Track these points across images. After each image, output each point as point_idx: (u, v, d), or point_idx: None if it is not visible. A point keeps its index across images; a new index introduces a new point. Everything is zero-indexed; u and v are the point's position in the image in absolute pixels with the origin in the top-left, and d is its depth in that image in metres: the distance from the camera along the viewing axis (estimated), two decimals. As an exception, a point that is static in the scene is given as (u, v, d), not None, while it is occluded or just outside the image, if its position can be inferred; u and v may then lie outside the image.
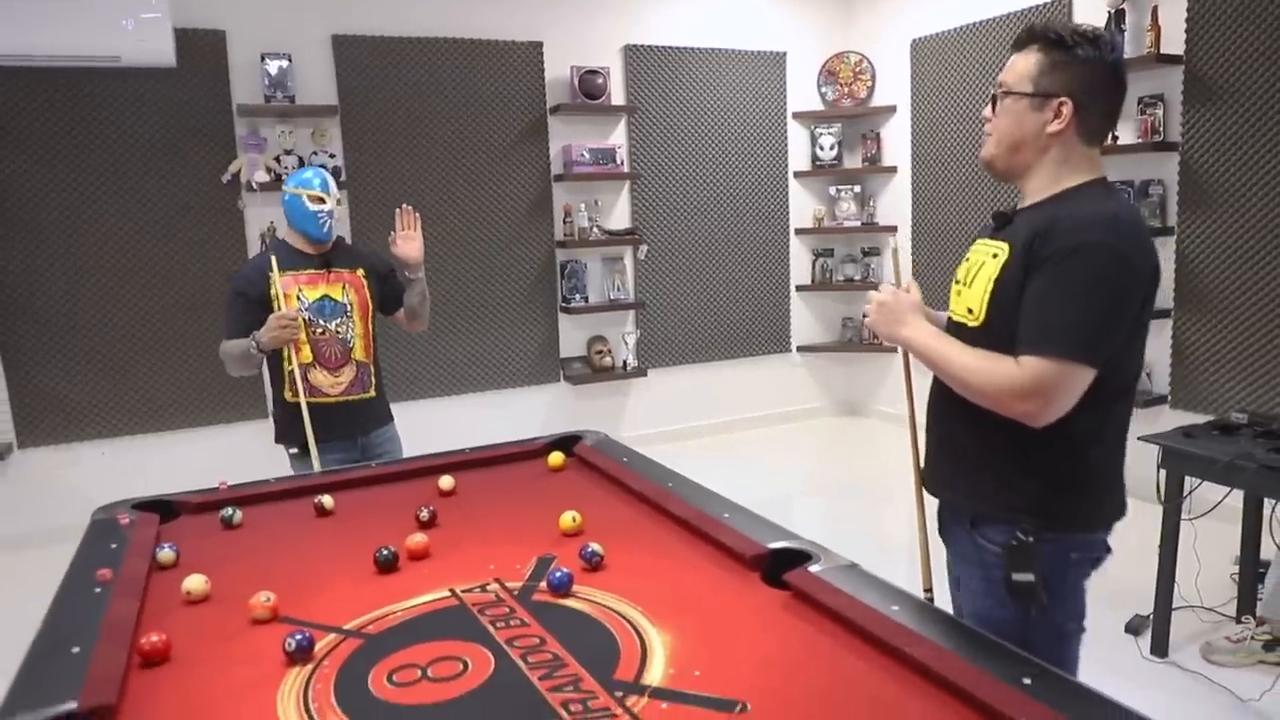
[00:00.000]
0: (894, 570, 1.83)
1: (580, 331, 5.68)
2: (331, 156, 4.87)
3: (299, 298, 2.79)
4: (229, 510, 2.09)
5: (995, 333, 1.60)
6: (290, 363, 2.78)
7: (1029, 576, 1.60)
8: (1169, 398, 4.37)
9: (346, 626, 1.51)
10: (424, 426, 3.86)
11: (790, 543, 1.68)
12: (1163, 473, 2.90)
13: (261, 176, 4.67)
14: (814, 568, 1.57)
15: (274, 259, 2.78)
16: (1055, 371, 1.49)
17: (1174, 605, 2.97)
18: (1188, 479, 2.88)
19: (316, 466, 2.72)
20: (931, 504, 1.87)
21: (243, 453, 3.88)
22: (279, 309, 2.74)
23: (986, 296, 1.63)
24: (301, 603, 1.61)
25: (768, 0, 5.92)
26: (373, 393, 2.94)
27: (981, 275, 1.66)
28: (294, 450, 2.84)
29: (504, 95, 5.25)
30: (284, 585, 1.65)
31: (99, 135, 4.47)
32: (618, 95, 5.52)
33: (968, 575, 1.76)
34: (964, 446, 1.73)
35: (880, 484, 4.99)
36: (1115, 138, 4.39)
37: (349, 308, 2.86)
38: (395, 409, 3.09)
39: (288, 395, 2.83)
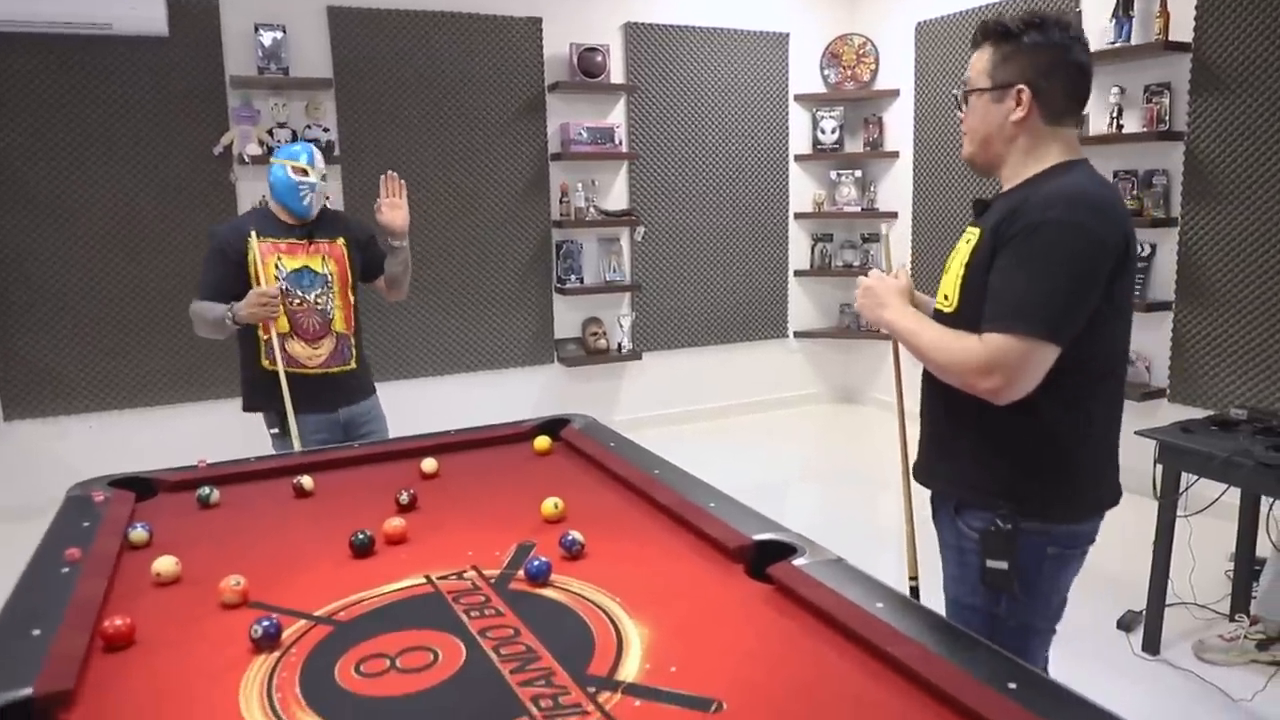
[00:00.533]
0: (886, 558, 1.80)
1: (575, 313, 5.63)
2: (325, 130, 4.80)
3: (277, 267, 2.74)
4: (206, 489, 2.04)
5: (967, 317, 1.61)
6: (267, 333, 2.74)
7: (1003, 564, 1.61)
8: (1168, 391, 4.32)
9: (317, 613, 1.47)
10: (415, 406, 3.84)
11: (776, 535, 1.64)
12: (1159, 467, 2.87)
13: (254, 149, 4.60)
14: (798, 561, 1.53)
15: (254, 230, 2.73)
16: (1016, 348, 1.50)
17: (1167, 602, 2.95)
18: (1184, 474, 2.85)
19: (297, 445, 2.68)
20: (923, 492, 1.85)
21: (229, 430, 3.83)
22: (257, 280, 2.69)
23: (958, 282, 1.65)
24: (273, 587, 1.57)
25: (772, -20, 5.84)
26: (353, 365, 2.89)
27: (955, 261, 1.68)
28: (275, 430, 2.80)
29: (502, 71, 5.17)
30: (257, 568, 1.61)
31: (90, 105, 4.39)
32: (617, 74, 5.44)
33: (947, 560, 1.79)
34: (947, 434, 1.74)
35: (875, 471, 4.95)
36: (1120, 126, 4.33)
37: (329, 279, 2.81)
38: (387, 388, 3.05)
39: (265, 363, 2.78)
